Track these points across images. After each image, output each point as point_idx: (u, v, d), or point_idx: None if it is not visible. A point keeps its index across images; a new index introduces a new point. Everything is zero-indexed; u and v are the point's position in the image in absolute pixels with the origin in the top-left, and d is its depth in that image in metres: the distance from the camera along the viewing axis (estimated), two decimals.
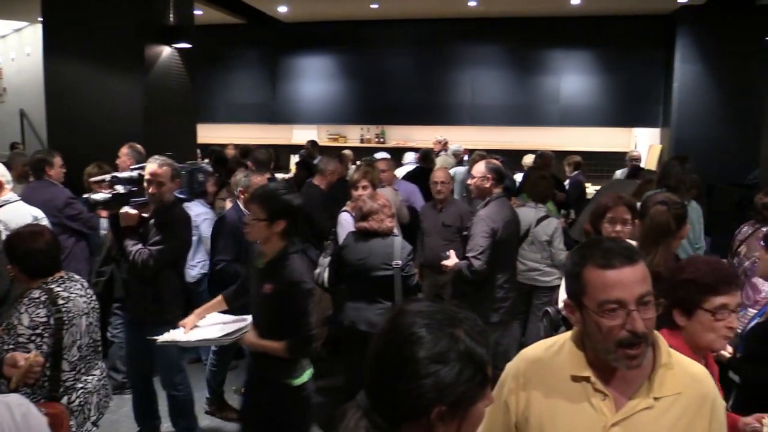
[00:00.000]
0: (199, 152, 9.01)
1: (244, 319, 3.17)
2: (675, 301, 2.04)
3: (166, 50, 6.97)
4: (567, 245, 4.85)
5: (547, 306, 3.33)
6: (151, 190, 3.73)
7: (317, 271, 4.74)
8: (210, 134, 10.86)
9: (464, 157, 8.90)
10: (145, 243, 3.74)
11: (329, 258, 4.60)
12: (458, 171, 7.71)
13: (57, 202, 4.93)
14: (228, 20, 10.70)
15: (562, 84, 10.75)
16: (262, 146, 7.86)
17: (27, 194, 4.88)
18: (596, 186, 9.99)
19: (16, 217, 4.11)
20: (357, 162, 7.16)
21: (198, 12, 8.74)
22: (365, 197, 4.06)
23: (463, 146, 9.38)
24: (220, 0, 9.56)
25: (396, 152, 9.44)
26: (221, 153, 8.82)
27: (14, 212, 4.21)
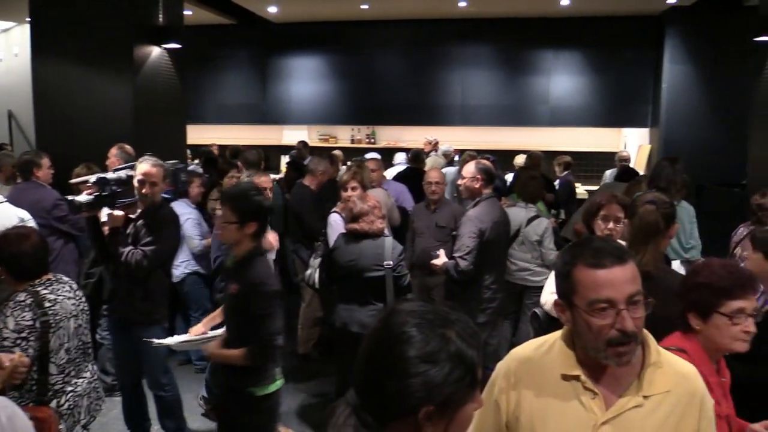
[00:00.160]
0: (189, 153, 8.99)
1: None
2: (690, 305, 2.03)
3: (156, 50, 6.93)
4: (557, 245, 4.87)
5: (537, 308, 3.34)
6: (145, 191, 3.71)
7: (308, 272, 4.72)
8: (200, 135, 10.82)
9: (455, 158, 8.91)
10: (135, 244, 3.72)
11: (320, 259, 4.59)
12: (449, 171, 7.71)
13: (45, 204, 4.90)
14: (218, 20, 10.67)
15: (552, 84, 10.79)
16: (253, 147, 7.84)
17: (15, 196, 4.84)
18: (586, 186, 10.07)
19: (2, 219, 4.05)
20: (348, 162, 7.16)
21: (187, 12, 8.70)
22: (355, 199, 4.04)
23: (454, 146, 9.39)
24: (210, 0, 9.53)
25: (387, 153, 9.46)
26: (211, 153, 8.80)
27: (0, 214, 4.16)
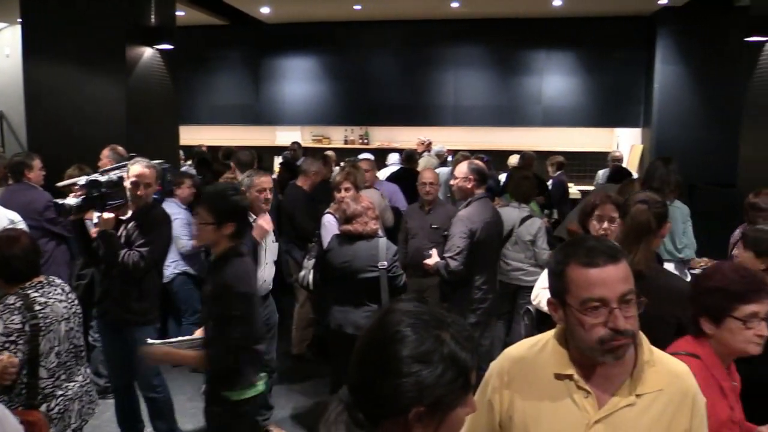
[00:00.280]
0: (182, 154, 8.96)
1: None
2: (702, 309, 2.01)
3: (148, 51, 6.91)
4: (550, 245, 4.88)
5: (529, 305, 3.35)
6: (140, 192, 3.73)
7: (302, 273, 4.72)
8: (193, 136, 10.79)
9: (448, 158, 8.91)
10: (130, 245, 3.72)
11: (314, 260, 4.59)
12: (442, 172, 7.71)
13: (37, 205, 4.88)
14: (210, 21, 10.64)
15: (544, 85, 10.81)
16: (246, 148, 7.83)
17: (6, 197, 4.82)
18: (579, 186, 10.10)
19: None
20: (341, 163, 7.16)
21: (180, 13, 8.68)
22: (348, 200, 4.02)
23: (447, 147, 9.40)
24: (202, 1, 9.51)
25: (380, 153, 9.46)
26: (204, 154, 8.77)
27: None
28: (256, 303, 2.95)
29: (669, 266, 4.45)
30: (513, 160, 8.97)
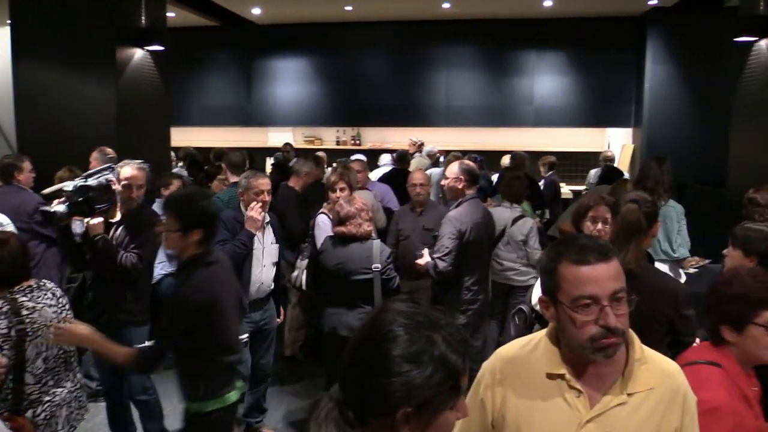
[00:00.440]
0: (174, 156, 8.92)
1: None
2: (723, 317, 1.98)
3: (138, 53, 6.89)
4: (542, 245, 4.89)
5: (521, 305, 3.35)
6: (134, 194, 3.74)
7: (295, 274, 4.71)
8: (184, 137, 10.76)
9: (440, 158, 8.92)
10: (123, 247, 3.71)
11: (307, 260, 4.58)
12: (434, 172, 7.72)
13: (27, 208, 4.84)
14: (201, 22, 10.61)
15: (536, 85, 10.85)
16: (237, 149, 7.80)
17: None
18: (571, 186, 10.13)
19: None
20: (333, 164, 7.14)
21: (170, 14, 8.65)
22: (342, 201, 4.00)
23: (439, 147, 9.40)
24: (193, 2, 9.48)
25: (372, 154, 9.46)
26: (196, 156, 8.74)
27: None
28: (225, 310, 2.78)
29: (664, 267, 4.43)
30: (506, 161, 8.98)
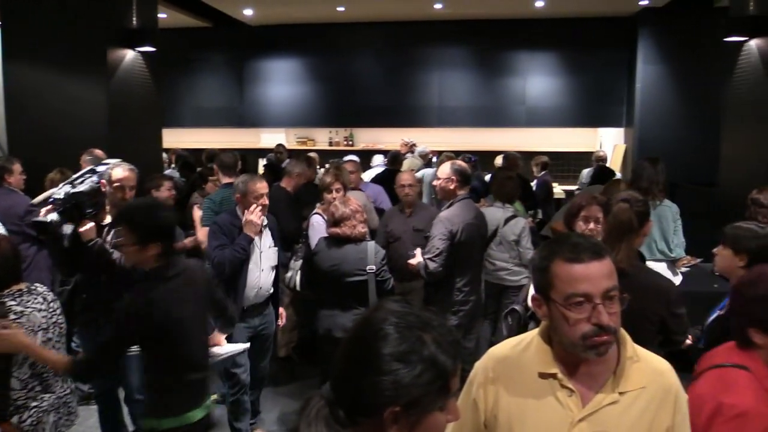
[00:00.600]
0: (166, 157, 8.89)
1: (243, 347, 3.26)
2: (752, 320, 1.91)
3: (130, 54, 6.85)
4: (534, 245, 4.90)
5: (514, 305, 3.35)
6: (126, 195, 3.72)
7: (288, 274, 4.70)
8: (177, 139, 10.73)
9: (432, 159, 8.93)
10: (117, 249, 3.68)
11: (300, 261, 4.57)
12: (426, 173, 7.74)
13: (17, 210, 4.83)
14: (193, 23, 10.59)
15: (528, 85, 10.88)
16: (229, 150, 7.78)
17: None
18: (563, 186, 10.16)
19: None
20: (326, 165, 7.14)
21: (162, 15, 8.62)
22: (337, 203, 3.99)
23: (431, 148, 9.41)
24: (185, 3, 9.45)
25: (365, 155, 9.46)
26: (188, 158, 8.71)
27: None
28: (185, 327, 2.64)
29: (661, 266, 4.42)
30: (499, 161, 8.99)
